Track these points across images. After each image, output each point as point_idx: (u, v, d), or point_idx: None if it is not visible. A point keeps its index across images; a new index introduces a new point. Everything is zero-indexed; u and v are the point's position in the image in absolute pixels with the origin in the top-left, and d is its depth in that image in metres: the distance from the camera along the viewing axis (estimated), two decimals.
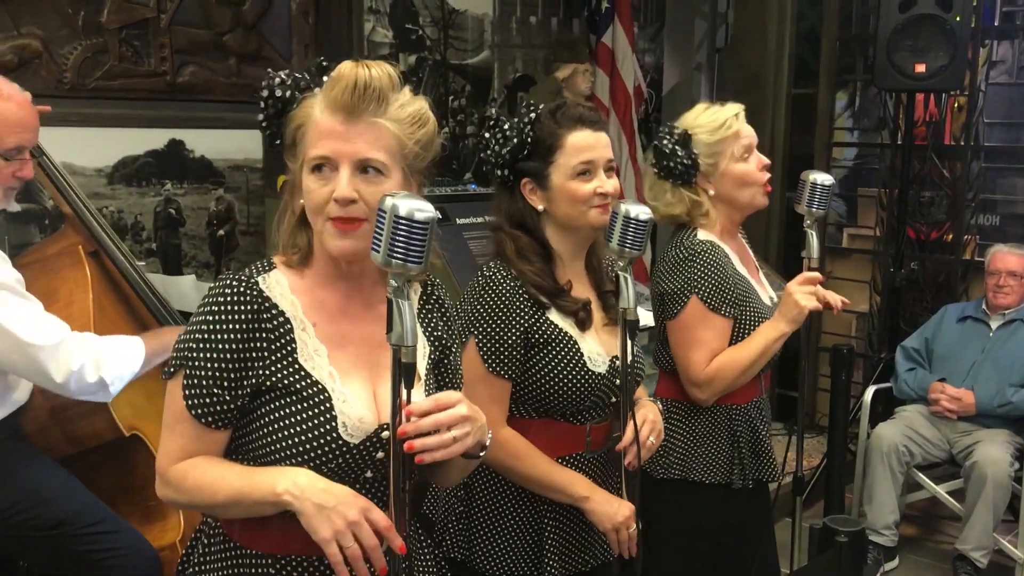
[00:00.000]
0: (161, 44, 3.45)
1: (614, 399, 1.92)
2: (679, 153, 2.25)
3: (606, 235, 1.79)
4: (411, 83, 1.50)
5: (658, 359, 2.37)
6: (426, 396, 1.43)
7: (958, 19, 3.95)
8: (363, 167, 1.36)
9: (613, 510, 1.88)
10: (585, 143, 1.85)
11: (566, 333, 1.87)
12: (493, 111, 1.95)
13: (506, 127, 1.89)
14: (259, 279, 1.41)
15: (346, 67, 1.36)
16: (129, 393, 2.24)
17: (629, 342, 1.80)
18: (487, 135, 1.91)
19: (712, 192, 2.29)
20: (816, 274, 2.21)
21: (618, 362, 1.87)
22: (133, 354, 2.19)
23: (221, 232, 3.75)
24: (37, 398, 2.29)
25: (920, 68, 4.03)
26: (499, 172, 1.90)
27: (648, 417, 1.92)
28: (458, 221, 3.44)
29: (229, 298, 1.37)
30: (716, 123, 2.27)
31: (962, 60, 4.06)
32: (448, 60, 4.37)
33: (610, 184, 1.86)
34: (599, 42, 4.84)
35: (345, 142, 1.35)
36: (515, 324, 1.83)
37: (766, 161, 2.31)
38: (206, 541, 1.49)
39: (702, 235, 2.28)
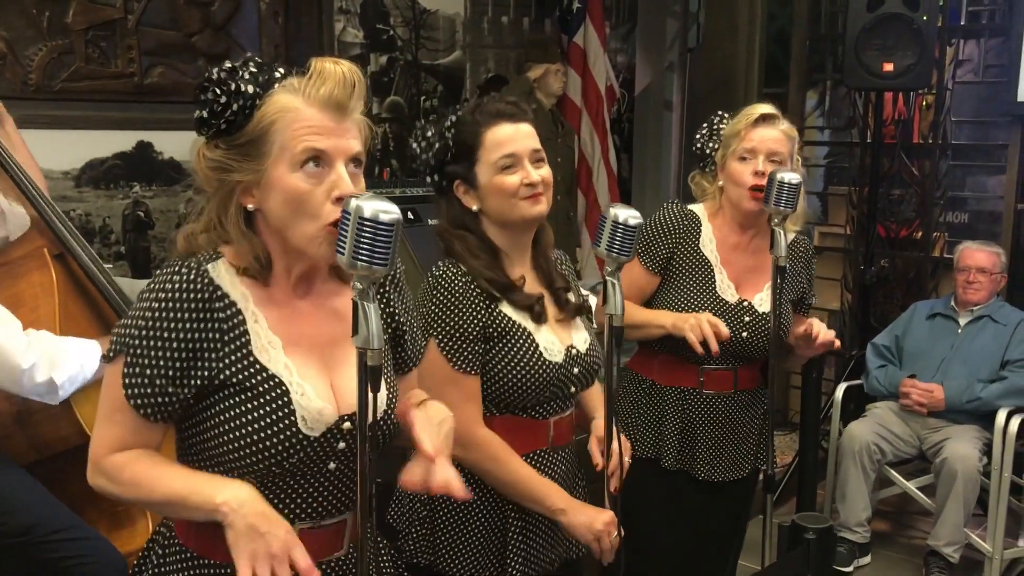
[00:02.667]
0: (128, 45, 3.41)
1: (573, 389, 1.92)
2: (698, 136, 2.46)
3: (595, 239, 1.76)
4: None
5: None
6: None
7: (925, 19, 3.99)
8: (354, 164, 1.36)
9: (590, 519, 1.87)
10: (505, 136, 1.83)
11: (520, 325, 1.87)
12: (420, 122, 1.95)
13: (429, 133, 1.89)
14: (208, 267, 1.36)
15: (326, 64, 1.34)
16: (95, 397, 2.20)
17: (616, 349, 1.77)
18: (413, 144, 1.91)
19: (720, 183, 2.42)
20: (724, 331, 2.20)
21: (574, 351, 1.91)
22: (88, 358, 2.15)
23: None
24: (2, 404, 2.26)
25: (888, 67, 4.06)
26: (430, 178, 1.90)
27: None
28: (430, 222, 3.42)
29: (178, 285, 1.32)
30: (735, 119, 2.39)
31: (929, 59, 4.09)
32: (420, 60, 4.36)
33: (538, 173, 1.83)
34: (571, 42, 4.85)
35: (340, 137, 1.34)
36: (472, 318, 1.82)
37: (759, 169, 2.32)
38: (160, 551, 1.46)
39: (691, 206, 2.45)
